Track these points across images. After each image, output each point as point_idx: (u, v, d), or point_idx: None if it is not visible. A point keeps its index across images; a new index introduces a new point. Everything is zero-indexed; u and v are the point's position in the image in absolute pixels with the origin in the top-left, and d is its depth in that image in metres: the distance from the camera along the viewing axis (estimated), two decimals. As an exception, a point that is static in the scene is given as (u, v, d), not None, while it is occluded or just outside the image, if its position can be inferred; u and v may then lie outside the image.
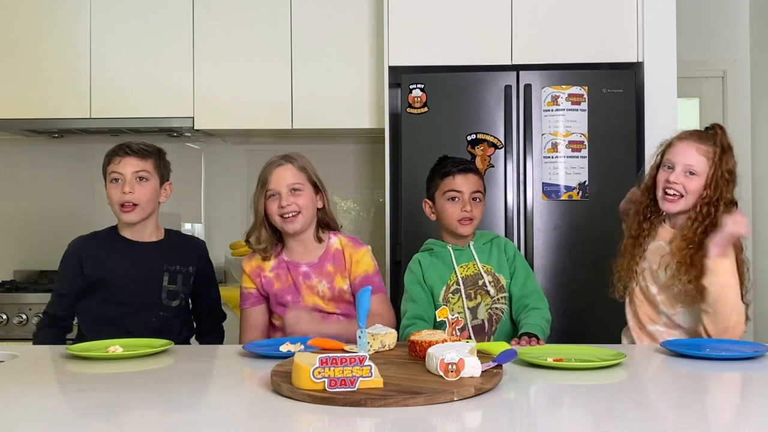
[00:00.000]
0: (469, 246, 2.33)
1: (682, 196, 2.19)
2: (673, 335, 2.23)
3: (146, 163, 2.37)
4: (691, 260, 2.15)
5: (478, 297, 2.27)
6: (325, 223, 2.38)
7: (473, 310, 2.27)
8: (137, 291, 2.35)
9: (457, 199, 2.28)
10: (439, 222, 2.36)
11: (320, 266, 2.32)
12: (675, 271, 2.18)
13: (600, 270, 2.45)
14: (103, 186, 2.40)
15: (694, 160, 2.18)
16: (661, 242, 2.26)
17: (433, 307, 2.25)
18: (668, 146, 2.26)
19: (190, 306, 2.52)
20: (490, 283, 2.27)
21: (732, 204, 2.20)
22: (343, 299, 2.32)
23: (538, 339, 2.09)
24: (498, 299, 2.27)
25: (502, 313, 2.28)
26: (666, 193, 2.21)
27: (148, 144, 2.43)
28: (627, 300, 2.35)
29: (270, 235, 2.33)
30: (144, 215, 2.37)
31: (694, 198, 2.19)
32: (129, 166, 2.34)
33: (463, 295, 2.26)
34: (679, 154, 2.21)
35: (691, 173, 2.18)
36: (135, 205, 2.34)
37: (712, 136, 2.22)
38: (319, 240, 2.35)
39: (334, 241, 2.36)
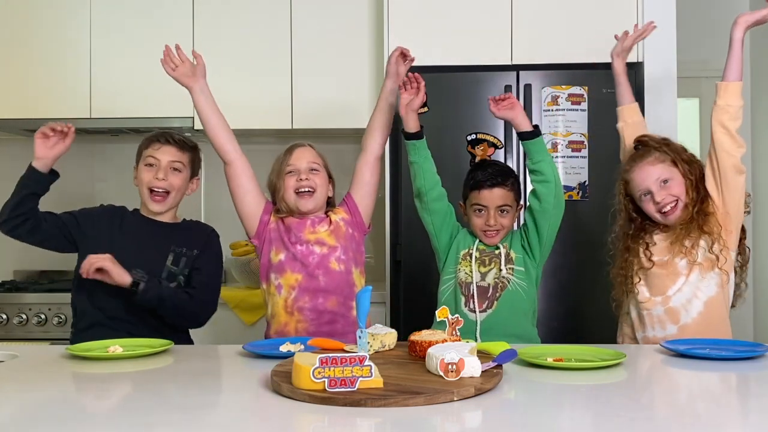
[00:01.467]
0: None
1: (676, 203, 2.24)
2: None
3: (183, 155, 2.44)
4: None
5: (492, 264, 2.36)
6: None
7: (484, 275, 2.36)
8: (138, 266, 2.29)
9: (482, 211, 2.35)
10: None
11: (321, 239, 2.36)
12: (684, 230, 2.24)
13: (600, 270, 2.45)
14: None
15: (658, 172, 2.24)
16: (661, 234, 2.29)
17: (446, 216, 2.39)
18: (626, 183, 2.30)
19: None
20: (505, 256, 2.35)
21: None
22: (341, 233, 2.36)
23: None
24: (507, 269, 2.35)
25: (508, 282, 2.34)
26: (663, 213, 2.25)
27: (188, 138, 2.49)
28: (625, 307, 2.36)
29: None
30: (172, 204, 2.43)
31: (684, 197, 2.24)
32: (167, 155, 2.40)
33: (473, 260, 2.36)
34: (644, 179, 2.26)
35: (665, 182, 2.24)
36: (166, 193, 2.39)
37: (646, 150, 2.29)
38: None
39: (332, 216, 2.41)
